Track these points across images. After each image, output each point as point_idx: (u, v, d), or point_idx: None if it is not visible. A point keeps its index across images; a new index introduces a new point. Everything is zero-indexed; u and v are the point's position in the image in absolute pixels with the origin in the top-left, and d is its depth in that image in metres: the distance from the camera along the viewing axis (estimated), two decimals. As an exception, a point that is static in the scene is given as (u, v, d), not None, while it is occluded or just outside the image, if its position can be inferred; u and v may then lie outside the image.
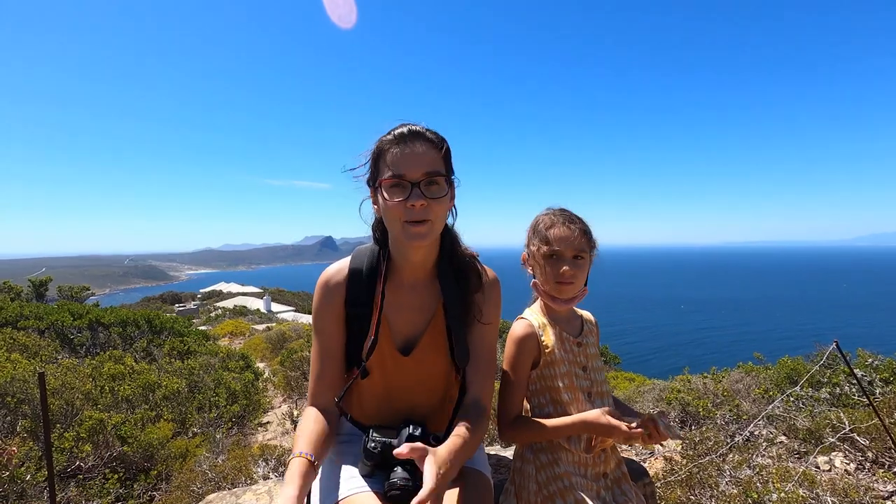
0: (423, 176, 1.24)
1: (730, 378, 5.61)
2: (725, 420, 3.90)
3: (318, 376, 1.39)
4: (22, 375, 4.28)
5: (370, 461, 1.27)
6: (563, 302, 1.49)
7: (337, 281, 1.39)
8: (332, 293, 1.39)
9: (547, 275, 1.48)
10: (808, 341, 6.45)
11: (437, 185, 1.26)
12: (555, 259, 1.47)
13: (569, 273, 1.45)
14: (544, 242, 1.48)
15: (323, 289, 1.39)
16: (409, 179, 1.23)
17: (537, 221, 1.53)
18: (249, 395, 6.27)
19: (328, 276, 1.40)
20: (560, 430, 1.41)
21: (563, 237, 1.46)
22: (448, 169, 1.32)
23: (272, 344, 12.43)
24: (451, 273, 1.40)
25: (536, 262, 1.51)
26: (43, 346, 6.61)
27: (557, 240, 1.46)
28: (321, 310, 1.39)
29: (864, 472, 3.08)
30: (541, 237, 1.49)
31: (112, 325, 8.35)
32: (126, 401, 4.85)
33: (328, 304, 1.38)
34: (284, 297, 53.35)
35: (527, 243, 1.57)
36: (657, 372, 12.57)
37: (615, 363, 13.01)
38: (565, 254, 1.46)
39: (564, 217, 1.50)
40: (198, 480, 3.50)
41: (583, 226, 1.50)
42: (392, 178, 1.24)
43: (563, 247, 1.46)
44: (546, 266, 1.48)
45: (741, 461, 3.04)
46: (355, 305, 1.38)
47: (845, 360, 3.11)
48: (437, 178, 1.26)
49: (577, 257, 1.47)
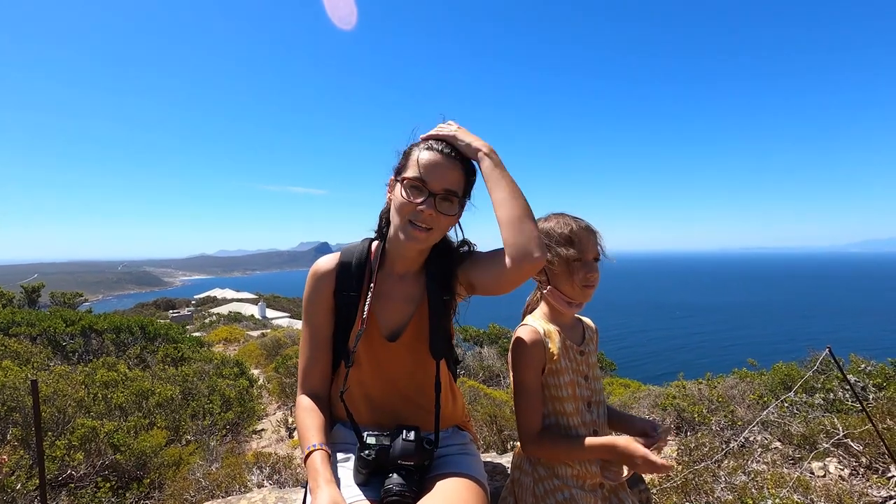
0: (443, 191, 1.32)
1: (724, 384, 5.62)
2: (720, 426, 3.91)
3: (307, 364, 1.45)
4: (13, 383, 4.23)
5: (365, 469, 1.27)
6: (578, 306, 1.49)
7: (327, 270, 1.45)
8: (321, 282, 1.45)
9: (574, 280, 1.45)
10: (802, 347, 6.49)
11: (450, 203, 1.34)
12: (581, 263, 1.45)
13: (595, 277, 1.46)
14: (570, 247, 1.45)
15: (313, 278, 1.46)
16: (430, 188, 1.31)
17: (550, 228, 1.49)
18: (244, 402, 6.22)
19: (318, 265, 1.47)
20: (589, 453, 1.37)
21: (586, 240, 1.46)
22: (466, 192, 1.40)
23: (267, 350, 12.35)
24: (437, 265, 1.44)
25: (559, 268, 1.46)
26: (35, 353, 6.53)
27: (582, 244, 1.45)
28: (311, 299, 1.46)
29: (858, 478, 3.09)
30: (563, 242, 1.45)
31: (105, 332, 8.28)
32: (119, 408, 4.80)
33: (318, 294, 1.45)
34: (279, 304, 53.10)
35: None
36: (652, 378, 12.58)
37: (611, 369, 13.01)
38: (589, 257, 1.46)
39: (578, 221, 1.49)
40: (191, 489, 3.47)
41: (595, 229, 1.51)
42: (415, 179, 1.31)
43: (589, 252, 1.46)
44: (572, 271, 1.45)
45: (736, 467, 3.04)
46: (344, 292, 1.43)
47: (838, 366, 3.13)
48: (454, 197, 1.34)
49: (596, 260, 1.49)
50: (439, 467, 1.38)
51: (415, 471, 1.26)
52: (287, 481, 3.58)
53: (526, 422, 1.43)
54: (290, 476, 3.66)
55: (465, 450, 1.48)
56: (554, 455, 1.42)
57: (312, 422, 1.35)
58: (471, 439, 1.56)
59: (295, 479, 3.62)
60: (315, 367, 1.45)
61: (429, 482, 1.30)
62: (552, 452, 1.42)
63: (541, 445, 1.42)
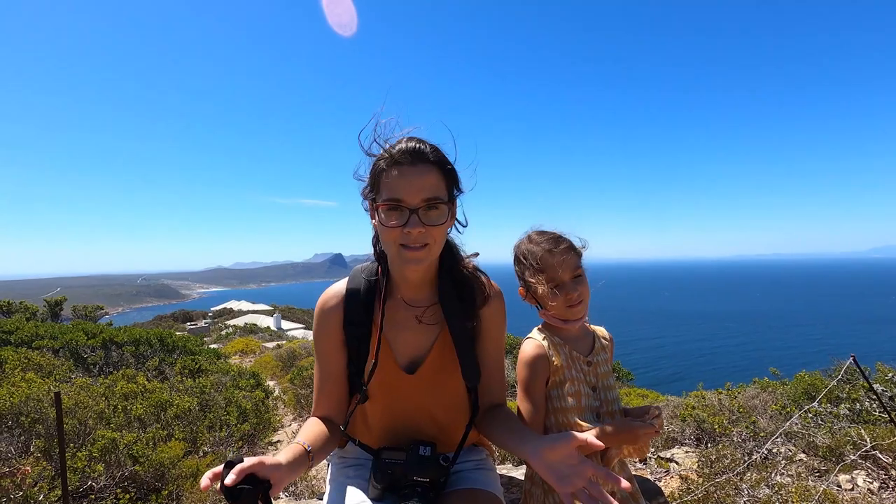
0: (423, 202, 1.18)
1: (745, 394, 5.50)
2: (742, 437, 3.82)
3: (319, 395, 1.40)
4: (36, 395, 4.32)
5: (380, 484, 1.26)
6: (575, 322, 1.46)
7: (333, 304, 1.38)
8: (328, 316, 1.37)
9: (557, 304, 1.43)
10: (824, 355, 6.33)
11: (437, 211, 1.21)
12: (558, 288, 1.42)
13: (576, 296, 1.41)
14: (541, 275, 1.42)
15: (320, 312, 1.38)
16: (407, 205, 1.18)
17: (522, 254, 1.46)
18: (260, 414, 6.26)
19: (325, 299, 1.39)
20: None
21: (556, 264, 1.41)
22: (451, 189, 1.27)
23: (282, 362, 12.43)
24: (453, 289, 1.36)
25: (540, 295, 1.45)
26: (57, 366, 6.67)
27: (552, 269, 1.41)
28: (319, 333, 1.39)
29: (888, 492, 2.99)
30: (534, 271, 1.43)
31: (125, 344, 8.43)
32: (138, 420, 4.86)
33: (325, 328, 1.38)
34: (294, 315, 53.48)
35: (519, 276, 1.50)
36: (671, 388, 12.37)
37: (628, 379, 12.82)
38: (565, 278, 1.41)
39: (549, 241, 1.45)
40: (208, 500, 3.49)
41: (568, 242, 1.45)
42: (390, 201, 1.19)
43: (562, 273, 1.41)
44: (551, 297, 1.42)
45: (759, 480, 2.97)
46: (353, 326, 1.36)
47: (864, 375, 3.05)
48: (438, 203, 1.21)
49: (576, 277, 1.43)
50: (455, 483, 1.36)
51: (430, 487, 1.24)
52: (303, 493, 3.59)
53: None
54: (305, 488, 3.67)
55: (481, 465, 1.46)
56: None
57: (304, 428, 1.29)
58: (487, 454, 1.54)
59: (310, 490, 3.62)
60: (327, 397, 1.39)
61: (445, 498, 1.28)
62: None
63: None
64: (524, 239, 1.50)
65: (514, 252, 1.50)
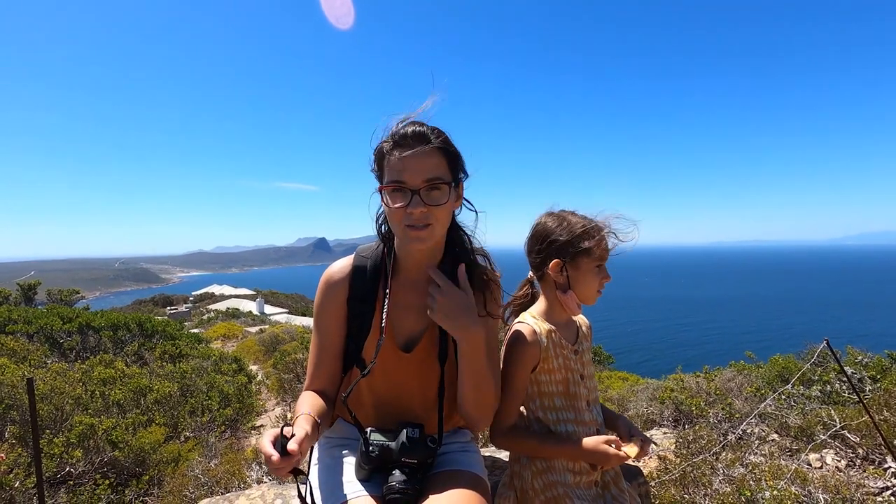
0: (424, 183, 1.22)
1: (722, 377, 5.64)
2: (718, 419, 3.92)
3: (314, 370, 1.41)
4: (10, 381, 4.22)
5: (368, 465, 1.26)
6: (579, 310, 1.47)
7: (340, 278, 1.40)
8: (334, 290, 1.40)
9: (590, 284, 1.42)
10: (799, 339, 6.50)
11: (438, 191, 1.24)
12: (600, 269, 1.43)
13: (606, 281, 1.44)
14: (595, 254, 1.40)
15: (325, 287, 1.40)
16: (410, 186, 1.22)
17: (581, 226, 1.41)
18: (242, 399, 6.22)
19: (331, 273, 1.41)
20: (556, 455, 1.41)
21: (605, 245, 1.42)
22: (454, 170, 1.29)
23: (265, 346, 12.36)
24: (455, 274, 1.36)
25: (584, 271, 1.42)
26: (32, 351, 6.52)
27: (603, 249, 1.41)
28: (322, 308, 1.40)
29: (855, 469, 3.10)
30: (590, 248, 1.39)
31: (102, 329, 8.26)
32: (117, 405, 4.79)
33: (330, 302, 1.40)
34: (278, 300, 53.11)
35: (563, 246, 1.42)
36: (650, 371, 12.64)
37: (608, 363, 13.05)
38: (604, 260, 1.44)
39: (593, 225, 1.43)
40: (190, 485, 3.47)
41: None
42: (392, 183, 1.23)
43: (606, 255, 1.43)
44: (590, 276, 1.42)
45: (734, 459, 3.05)
46: (358, 302, 1.38)
47: (836, 358, 3.14)
48: (440, 184, 1.24)
49: None
50: (441, 465, 1.38)
51: (417, 468, 1.25)
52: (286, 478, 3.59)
53: (502, 414, 1.44)
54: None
55: (465, 447, 1.49)
56: (521, 450, 1.47)
57: (306, 400, 1.30)
58: (471, 437, 1.57)
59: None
60: (323, 372, 1.40)
61: (431, 479, 1.30)
62: (518, 447, 1.47)
63: (508, 439, 1.46)
64: (565, 212, 1.47)
65: (557, 223, 1.45)
